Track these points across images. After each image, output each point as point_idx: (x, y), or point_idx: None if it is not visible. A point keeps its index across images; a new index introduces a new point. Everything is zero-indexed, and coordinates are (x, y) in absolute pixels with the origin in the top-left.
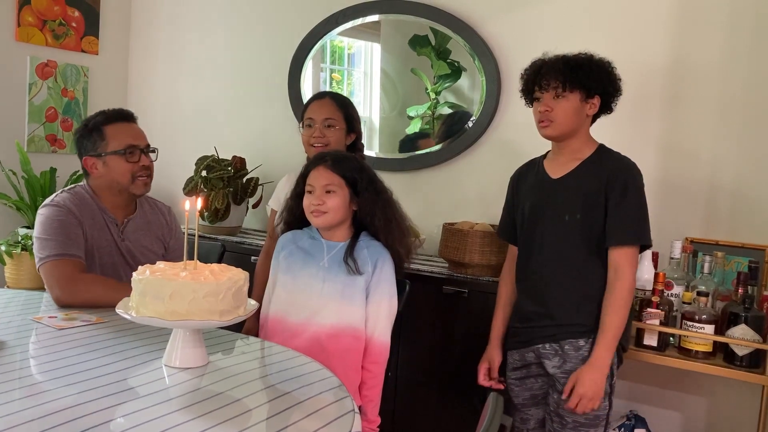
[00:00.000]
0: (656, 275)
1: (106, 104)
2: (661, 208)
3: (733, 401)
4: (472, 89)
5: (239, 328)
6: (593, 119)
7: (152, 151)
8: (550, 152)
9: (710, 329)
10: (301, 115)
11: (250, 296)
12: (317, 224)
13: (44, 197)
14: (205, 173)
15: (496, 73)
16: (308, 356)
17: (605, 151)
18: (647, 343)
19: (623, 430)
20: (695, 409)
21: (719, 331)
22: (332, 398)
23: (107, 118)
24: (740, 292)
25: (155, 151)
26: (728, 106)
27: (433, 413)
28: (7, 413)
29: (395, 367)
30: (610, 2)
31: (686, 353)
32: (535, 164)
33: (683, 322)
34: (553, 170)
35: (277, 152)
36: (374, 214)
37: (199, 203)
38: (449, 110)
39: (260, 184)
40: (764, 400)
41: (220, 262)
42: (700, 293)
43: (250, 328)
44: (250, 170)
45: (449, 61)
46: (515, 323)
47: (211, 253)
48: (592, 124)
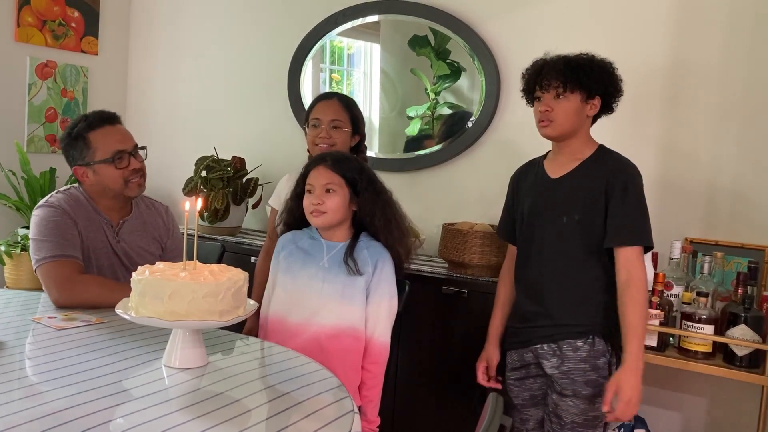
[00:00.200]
0: (656, 275)
1: (105, 104)
2: (660, 208)
3: (732, 401)
4: (471, 89)
5: (239, 328)
6: (594, 119)
7: (142, 148)
8: (550, 152)
9: (710, 329)
10: (306, 115)
11: (249, 296)
12: (317, 224)
13: (44, 197)
14: (204, 173)
15: (495, 73)
16: (308, 356)
17: (605, 151)
18: (647, 343)
19: (623, 430)
20: (695, 409)
21: (719, 331)
22: (332, 398)
23: (90, 124)
24: (740, 292)
25: (144, 148)
26: (728, 106)
27: (432, 413)
28: (6, 413)
29: (395, 367)
30: (610, 2)
31: (686, 353)
32: (535, 164)
33: (683, 322)
34: (552, 170)
35: (276, 152)
36: (374, 214)
37: (198, 203)
38: (449, 110)
39: (260, 184)
40: (764, 400)
41: (219, 262)
42: (699, 293)
43: (251, 328)
44: (249, 170)
45: (449, 61)
46: (514, 323)
47: (210, 253)
48: (592, 124)
